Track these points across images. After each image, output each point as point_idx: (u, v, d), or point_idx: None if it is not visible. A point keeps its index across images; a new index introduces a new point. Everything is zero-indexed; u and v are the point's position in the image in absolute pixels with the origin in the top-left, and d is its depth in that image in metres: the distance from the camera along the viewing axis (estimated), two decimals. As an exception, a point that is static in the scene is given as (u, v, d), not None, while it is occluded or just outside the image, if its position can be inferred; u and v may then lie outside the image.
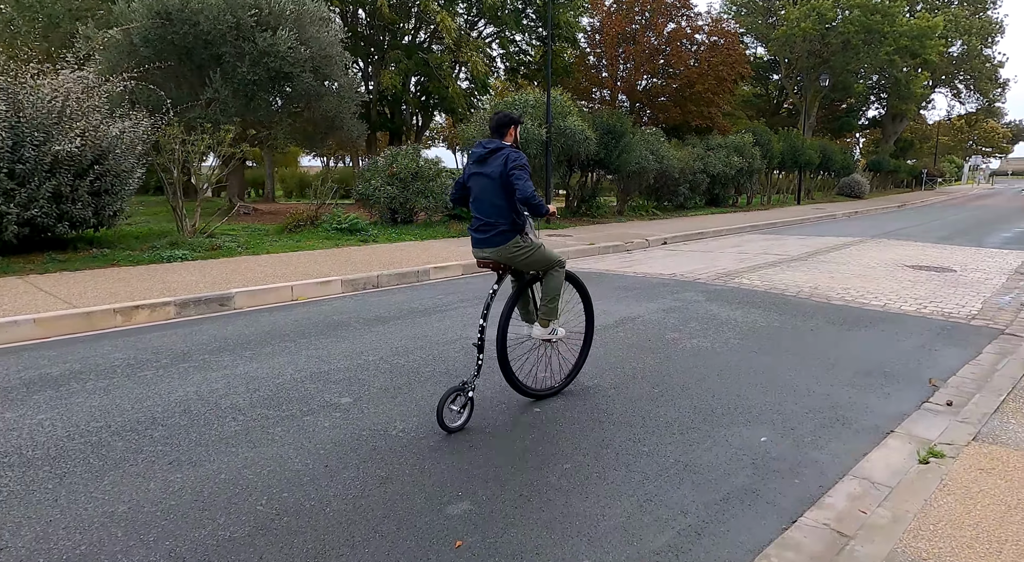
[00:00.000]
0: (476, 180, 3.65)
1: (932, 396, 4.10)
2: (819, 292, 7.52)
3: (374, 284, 8.01)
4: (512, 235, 3.62)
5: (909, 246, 12.55)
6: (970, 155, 76.16)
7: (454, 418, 3.46)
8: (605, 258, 10.88)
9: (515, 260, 3.72)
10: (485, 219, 3.63)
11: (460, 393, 3.51)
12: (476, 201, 3.69)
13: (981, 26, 37.91)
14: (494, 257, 3.71)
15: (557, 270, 3.85)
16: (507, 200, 3.57)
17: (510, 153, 3.55)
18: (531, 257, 3.73)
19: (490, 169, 3.57)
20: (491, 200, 3.59)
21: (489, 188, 3.58)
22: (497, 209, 3.58)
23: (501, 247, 3.63)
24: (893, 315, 6.41)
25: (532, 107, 15.15)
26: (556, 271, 3.85)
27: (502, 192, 3.55)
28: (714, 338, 5.41)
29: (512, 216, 3.60)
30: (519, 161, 3.50)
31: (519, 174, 3.46)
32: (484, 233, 3.65)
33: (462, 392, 3.52)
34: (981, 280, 8.58)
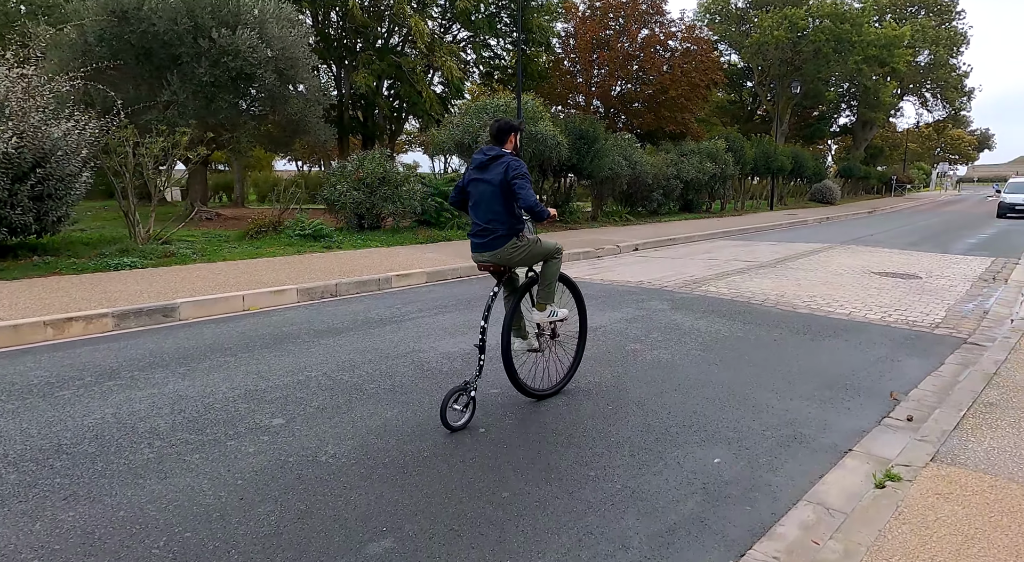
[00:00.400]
0: (476, 186, 3.75)
1: (893, 411, 3.97)
2: (785, 300, 7.43)
3: (332, 293, 7.73)
4: (509, 238, 3.72)
5: (877, 252, 12.62)
6: (938, 162, 78.08)
7: (457, 417, 3.54)
8: (574, 265, 10.72)
9: (514, 260, 3.81)
10: (484, 225, 3.73)
11: (463, 393, 3.58)
12: (475, 206, 3.78)
13: (947, 36, 38.83)
14: (493, 260, 3.79)
15: (556, 257, 3.98)
16: (505, 206, 3.67)
17: (511, 161, 3.64)
18: (529, 253, 3.82)
19: (490, 176, 3.65)
20: (490, 206, 3.68)
21: (488, 194, 3.68)
22: (496, 215, 3.68)
23: (499, 250, 3.73)
24: (858, 324, 6.33)
25: (503, 112, 14.98)
26: (555, 258, 3.97)
27: (501, 199, 3.65)
28: (676, 349, 5.25)
29: (510, 221, 3.70)
30: (520, 170, 3.61)
31: (521, 183, 3.57)
32: (483, 238, 3.74)
33: (464, 392, 3.59)
34: (946, 287, 8.59)
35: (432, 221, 13.70)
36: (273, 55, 12.52)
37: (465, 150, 14.82)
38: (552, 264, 3.95)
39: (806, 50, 31.94)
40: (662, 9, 24.33)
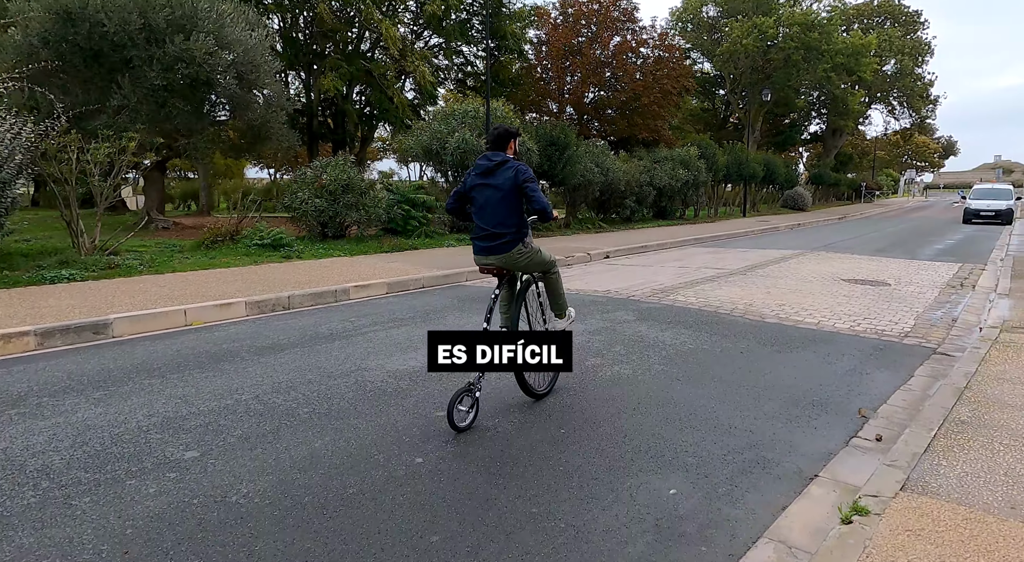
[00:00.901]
0: (481, 191, 3.81)
1: (861, 429, 3.75)
2: (754, 309, 7.25)
3: (284, 305, 7.35)
4: (517, 243, 3.82)
5: (847, 259, 12.59)
6: (905, 169, 79.88)
7: (463, 418, 3.60)
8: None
9: (518, 264, 3.93)
10: (491, 229, 3.78)
11: (467, 394, 3.64)
12: (481, 211, 3.82)
13: (912, 46, 39.70)
14: (498, 264, 3.89)
15: (553, 272, 4.20)
16: (513, 211, 3.76)
17: (519, 166, 3.77)
18: (531, 260, 3.97)
19: (498, 181, 3.73)
20: (498, 211, 3.75)
21: (496, 199, 3.74)
22: (504, 219, 3.75)
23: (506, 254, 3.82)
24: (826, 334, 6.15)
25: (472, 117, 14.73)
26: (553, 273, 4.20)
27: (510, 203, 3.74)
28: (638, 364, 4.99)
29: (518, 225, 3.80)
30: (529, 174, 3.76)
31: (533, 186, 3.72)
32: (491, 241, 3.80)
33: (469, 393, 3.64)
34: (915, 294, 8.50)
35: (399, 229, 13.35)
36: (233, 59, 12.10)
37: (433, 156, 14.53)
38: (553, 279, 4.21)
39: (776, 58, 32.33)
40: (634, 16, 24.38)
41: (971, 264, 11.94)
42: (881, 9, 42.61)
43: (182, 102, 11.68)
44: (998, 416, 3.65)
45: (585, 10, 23.82)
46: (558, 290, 4.25)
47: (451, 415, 3.52)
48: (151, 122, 11.80)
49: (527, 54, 25.78)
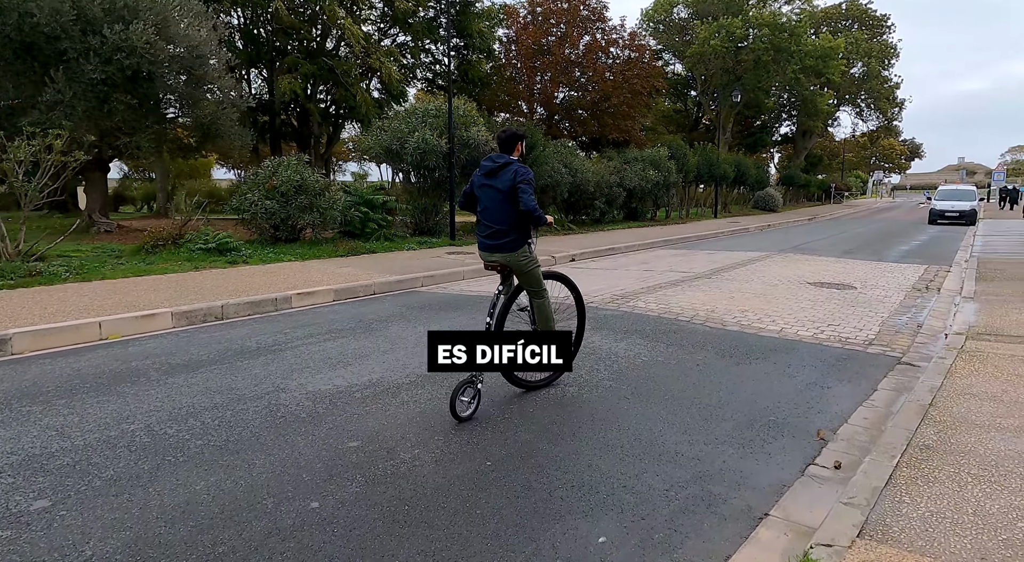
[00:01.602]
0: (485, 191, 3.97)
1: (819, 455, 3.41)
2: (715, 316, 6.93)
3: (217, 316, 6.82)
4: (522, 243, 3.96)
5: (814, 261, 12.43)
6: (874, 170, 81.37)
7: (465, 408, 3.72)
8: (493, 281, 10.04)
9: (520, 267, 4.03)
10: (496, 227, 3.93)
11: (470, 385, 3.77)
12: (485, 210, 3.98)
13: (879, 49, 40.26)
14: (502, 261, 4.00)
15: (541, 300, 4.19)
16: (514, 211, 3.87)
17: (518, 168, 3.88)
18: (529, 271, 4.06)
19: (500, 182, 3.87)
20: (501, 210, 3.90)
21: (498, 199, 3.89)
22: (507, 218, 3.90)
23: (511, 253, 3.95)
24: (788, 343, 5.84)
25: (433, 117, 14.27)
26: (541, 301, 4.20)
27: (510, 203, 3.86)
28: (586, 380, 4.61)
29: (520, 225, 3.92)
30: (526, 176, 3.86)
31: (524, 187, 3.81)
32: (496, 239, 3.95)
33: (471, 384, 3.78)
34: (880, 298, 8.29)
35: (357, 232, 12.83)
36: (177, 53, 11.47)
37: (394, 156, 14.03)
38: (541, 306, 4.19)
39: (747, 59, 32.44)
40: (603, 16, 24.14)
41: (937, 266, 11.85)
42: (849, 12, 43.16)
43: (123, 97, 11.01)
44: (965, 439, 3.34)
45: (554, 8, 23.51)
46: (546, 315, 4.21)
47: (453, 405, 3.63)
48: (90, 119, 11.13)
49: (496, 53, 25.38)
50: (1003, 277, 9.75)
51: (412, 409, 3.94)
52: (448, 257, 11.67)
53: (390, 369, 4.81)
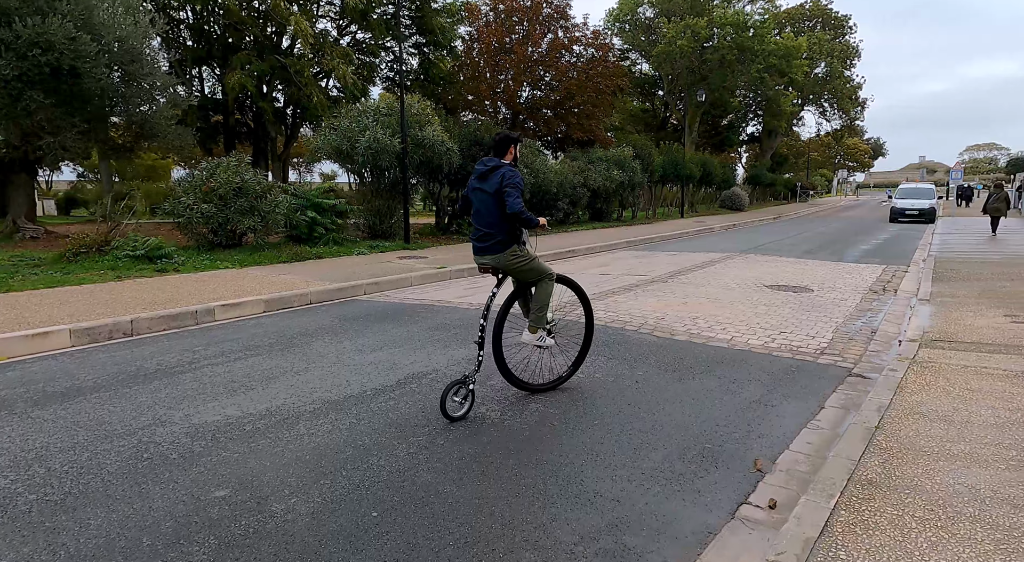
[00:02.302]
0: (476, 195, 3.99)
1: (754, 491, 3.04)
2: (665, 324, 6.58)
3: (125, 331, 6.24)
4: (510, 245, 3.94)
5: (773, 262, 12.24)
6: (838, 169, 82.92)
7: (456, 409, 3.78)
8: (450, 286, 9.60)
9: (511, 267, 4.02)
10: (485, 230, 3.94)
11: (462, 385, 3.82)
12: (476, 213, 4.01)
13: (840, 49, 40.81)
14: (492, 264, 4.01)
15: (547, 281, 4.15)
16: (503, 214, 3.86)
17: (506, 171, 3.86)
18: (525, 267, 4.04)
19: (488, 185, 3.89)
20: (490, 213, 3.90)
21: (488, 202, 3.90)
22: (495, 221, 3.89)
23: (499, 255, 3.94)
24: (737, 354, 5.51)
25: (386, 115, 13.73)
26: (546, 282, 4.15)
27: (499, 206, 3.85)
28: (512, 402, 4.19)
29: (509, 228, 3.91)
30: (513, 180, 3.83)
31: (511, 191, 3.78)
32: (484, 242, 3.96)
33: (463, 385, 3.83)
34: (836, 301, 8.06)
35: (304, 236, 12.24)
36: (106, 47, 10.74)
37: (345, 157, 13.47)
38: (544, 288, 4.14)
39: (712, 59, 32.51)
40: (567, 14, 23.81)
41: (895, 266, 11.76)
42: (812, 13, 43.67)
43: (42, 95, 10.25)
44: (911, 471, 3.00)
45: (516, 6, 23.10)
46: (542, 302, 4.17)
47: (444, 405, 3.70)
48: (8, 117, 10.34)
49: (459, 51, 24.88)
50: (958, 277, 9.64)
51: (304, 445, 3.47)
52: (399, 262, 11.18)
53: (296, 394, 4.33)
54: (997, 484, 2.85)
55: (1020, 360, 4.91)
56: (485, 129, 16.12)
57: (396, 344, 5.72)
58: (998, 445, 3.28)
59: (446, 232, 16.66)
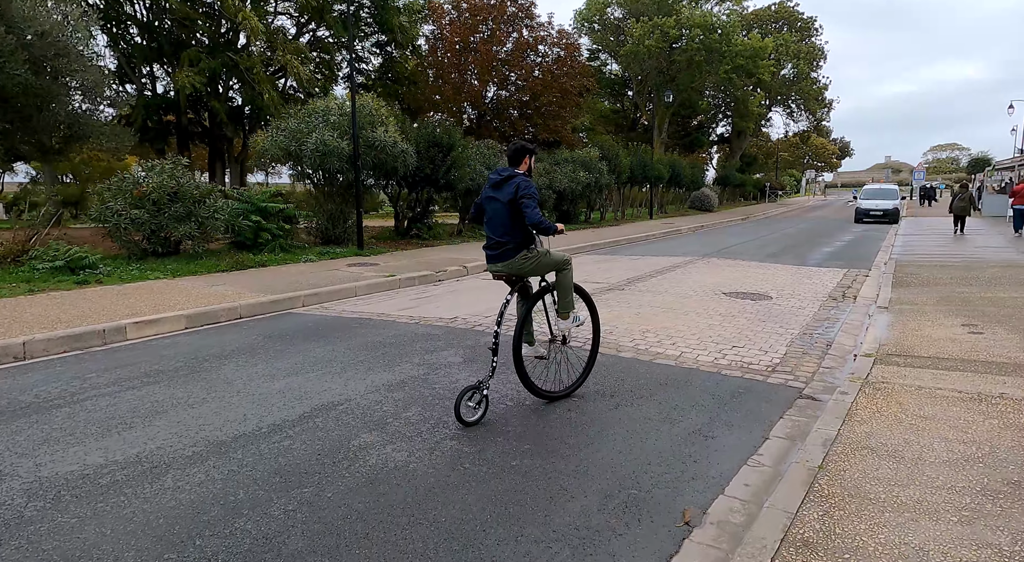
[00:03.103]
0: (490, 203, 4.05)
1: (678, 552, 2.64)
2: (612, 339, 6.19)
3: (16, 355, 5.63)
4: (519, 251, 4.00)
5: (736, 266, 11.99)
6: (807, 169, 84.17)
7: (471, 413, 3.86)
8: (398, 295, 9.11)
9: (524, 270, 4.05)
10: (497, 238, 4.00)
11: (476, 391, 3.88)
12: (489, 222, 4.06)
13: (806, 51, 41.20)
14: (506, 271, 4.07)
15: (565, 269, 4.21)
16: (515, 222, 3.94)
17: (521, 182, 3.92)
18: (539, 264, 4.07)
19: (502, 194, 3.95)
20: (502, 222, 3.97)
21: (501, 211, 3.97)
22: (507, 230, 3.96)
23: (512, 261, 4.01)
24: (683, 373, 5.14)
25: (335, 114, 13.16)
26: (565, 270, 4.20)
27: (511, 215, 3.93)
28: (423, 440, 3.73)
29: (520, 236, 3.98)
30: (529, 190, 3.89)
31: (528, 202, 3.84)
32: (496, 250, 4.03)
33: (478, 390, 3.89)
34: (794, 310, 7.78)
35: (248, 243, 11.62)
36: (27, 42, 10.00)
37: (293, 159, 12.86)
38: (564, 275, 4.21)
39: (680, 60, 32.46)
40: (532, 12, 23.43)
41: (856, 270, 11.60)
42: (779, 14, 44.04)
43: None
44: (853, 527, 2.63)
45: (480, 5, 22.65)
46: (566, 287, 4.26)
47: (458, 410, 3.78)
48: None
49: (423, 51, 24.34)
50: (918, 282, 9.47)
51: (164, 503, 2.97)
52: (348, 270, 10.64)
53: (179, 433, 3.82)
54: (948, 544, 2.49)
55: (976, 379, 4.62)
56: (444, 130, 15.62)
57: (315, 367, 5.23)
58: (951, 489, 2.94)
59: (406, 237, 16.13)
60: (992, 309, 7.30)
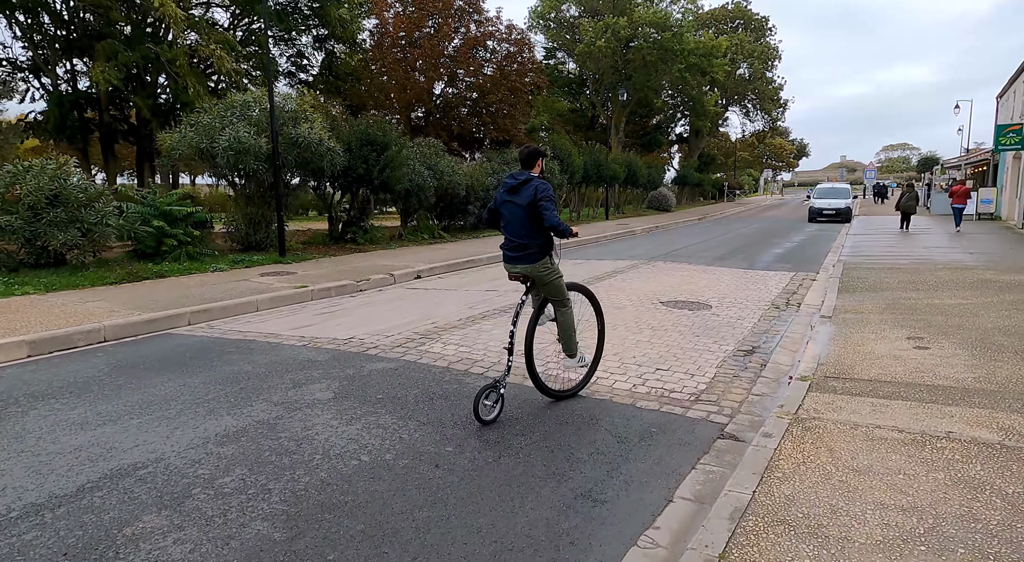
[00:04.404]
0: (508, 207, 4.14)
1: None
2: (521, 364, 5.41)
3: None
4: (543, 255, 4.11)
5: (681, 271, 11.39)
6: (765, 169, 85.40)
7: (488, 412, 3.96)
8: (304, 309, 8.18)
9: (542, 277, 4.15)
10: (518, 241, 4.10)
11: (493, 390, 4.01)
12: (508, 226, 4.15)
13: (761, 50, 41.38)
14: (525, 272, 4.14)
15: (564, 309, 4.30)
16: (535, 225, 4.04)
17: (538, 185, 4.02)
18: (551, 282, 4.19)
19: (520, 198, 4.05)
20: (522, 225, 4.07)
21: (519, 215, 4.07)
22: (528, 233, 4.06)
23: (533, 265, 4.10)
24: (592, 406, 4.38)
25: (258, 110, 12.11)
26: (564, 310, 4.31)
27: (531, 218, 4.03)
28: (225, 525, 2.86)
29: (542, 239, 4.09)
30: (547, 193, 3.99)
31: (546, 205, 3.94)
32: (518, 252, 4.11)
33: (495, 389, 4.02)
34: (733, 321, 7.14)
35: (150, 251, 10.50)
36: None
37: (206, 158, 11.76)
38: (564, 316, 4.31)
39: (635, 59, 32.06)
40: (480, 7, 22.60)
41: (804, 273, 11.12)
42: (734, 14, 44.19)
43: None
44: None
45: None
46: (569, 331, 4.35)
47: (477, 409, 3.87)
48: None
49: (367, 46, 23.26)
50: (865, 287, 8.97)
51: None
52: (257, 280, 9.63)
53: (-103, 521, 2.86)
54: None
55: (920, 412, 3.98)
56: (379, 128, 14.66)
57: (147, 410, 4.30)
58: (883, 591, 2.22)
59: (340, 241, 15.12)
60: (939, 319, 6.78)
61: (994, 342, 5.75)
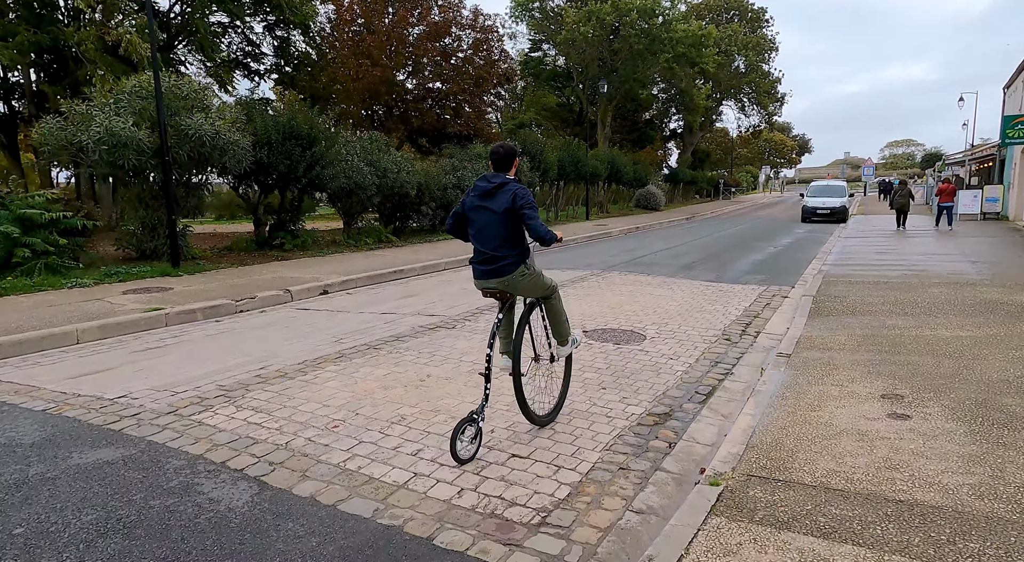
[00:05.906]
0: (480, 213, 3.68)
1: None
2: (310, 449, 3.75)
3: None
4: (518, 265, 3.71)
5: (633, 284, 9.72)
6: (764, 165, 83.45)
7: (465, 448, 3.49)
8: (137, 340, 6.54)
9: (519, 286, 3.78)
10: (491, 252, 3.68)
11: (470, 424, 3.54)
12: (479, 234, 3.71)
13: (755, 42, 39.53)
14: (500, 287, 3.77)
15: (554, 296, 4.02)
16: (513, 234, 3.66)
17: (517, 190, 3.62)
18: (535, 282, 3.84)
19: (495, 204, 3.61)
20: (497, 233, 3.64)
21: (495, 222, 3.63)
22: (503, 242, 3.65)
23: (510, 277, 3.71)
24: (366, 543, 2.72)
25: (140, 96, 10.46)
26: (553, 299, 4.02)
27: (508, 226, 3.63)
28: None
29: (518, 248, 3.70)
30: (528, 199, 3.61)
31: (530, 213, 3.56)
32: (491, 265, 3.70)
33: (471, 423, 3.55)
34: (662, 363, 5.49)
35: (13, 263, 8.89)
36: None
37: (78, 154, 10.12)
38: (553, 303, 4.02)
39: (621, 49, 30.33)
40: (443, -9, 20.91)
41: (778, 285, 9.47)
42: (730, 5, 42.31)
43: None
44: None
45: (383, -20, 20.06)
46: (559, 316, 4.06)
47: (453, 447, 3.41)
48: None
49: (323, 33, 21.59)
50: (842, 309, 7.29)
51: None
52: (111, 300, 8.01)
53: None
54: None
55: (879, 586, 2.31)
56: (303, 119, 13.01)
57: None
58: None
59: (266, 247, 13.49)
60: (928, 363, 5.10)
61: (1002, 408, 4.08)
